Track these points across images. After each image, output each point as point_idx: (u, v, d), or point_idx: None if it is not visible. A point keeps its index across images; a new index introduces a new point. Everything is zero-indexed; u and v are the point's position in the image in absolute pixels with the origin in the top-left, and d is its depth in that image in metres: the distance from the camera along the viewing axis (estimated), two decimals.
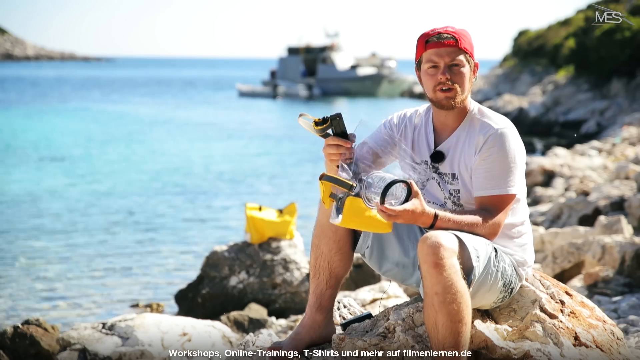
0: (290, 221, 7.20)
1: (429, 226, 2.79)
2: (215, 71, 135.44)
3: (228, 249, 7.26)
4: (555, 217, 9.79)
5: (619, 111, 24.70)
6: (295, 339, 3.12)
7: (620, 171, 11.31)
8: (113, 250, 10.68)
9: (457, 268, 2.70)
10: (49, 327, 5.42)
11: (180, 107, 44.06)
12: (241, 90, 57.31)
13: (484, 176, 2.92)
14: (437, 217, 2.77)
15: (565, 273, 6.60)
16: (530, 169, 13.80)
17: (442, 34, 2.93)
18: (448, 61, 2.92)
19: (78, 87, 64.03)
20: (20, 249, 10.61)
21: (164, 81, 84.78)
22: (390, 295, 5.98)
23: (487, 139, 2.92)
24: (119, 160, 20.84)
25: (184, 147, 24.46)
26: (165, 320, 5.15)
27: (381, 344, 2.97)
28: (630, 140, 16.91)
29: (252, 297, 7.09)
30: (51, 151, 22.31)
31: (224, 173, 18.86)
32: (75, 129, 29.64)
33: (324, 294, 3.12)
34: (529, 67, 42.85)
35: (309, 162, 21.06)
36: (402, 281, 3.12)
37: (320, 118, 2.83)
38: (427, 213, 2.75)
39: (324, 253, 3.09)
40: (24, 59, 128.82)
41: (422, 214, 2.74)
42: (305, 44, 59.46)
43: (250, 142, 26.59)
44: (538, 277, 3.19)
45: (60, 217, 12.93)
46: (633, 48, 26.11)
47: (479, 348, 2.94)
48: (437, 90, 2.94)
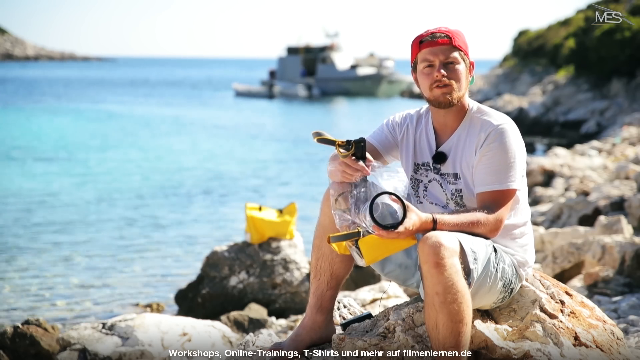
0: (290, 221, 7.20)
1: (430, 230, 2.79)
2: (215, 71, 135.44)
3: (228, 249, 7.26)
4: (555, 217, 9.79)
5: (619, 111, 24.70)
6: (296, 340, 3.12)
7: (620, 171, 11.31)
8: (113, 250, 10.68)
9: (458, 268, 2.70)
10: (49, 327, 5.42)
11: (179, 107, 44.05)
12: (238, 90, 57.33)
13: (484, 172, 2.92)
14: (436, 222, 2.77)
15: (565, 273, 6.60)
16: (530, 169, 13.80)
17: (435, 34, 2.95)
18: (443, 59, 2.93)
19: (78, 87, 64.02)
20: (20, 249, 10.60)
21: (164, 81, 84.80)
22: (390, 295, 5.98)
23: (487, 135, 2.93)
24: (118, 161, 20.83)
25: (183, 147, 24.46)
26: (165, 320, 5.15)
27: (381, 344, 2.97)
28: (630, 140, 16.91)
29: (252, 297, 7.09)
30: (51, 151, 22.31)
31: (224, 173, 18.86)
32: (73, 129, 29.64)
33: (324, 295, 3.12)
34: (529, 67, 42.86)
35: (309, 162, 21.06)
36: (403, 282, 3.12)
37: (343, 141, 2.84)
38: (425, 220, 2.76)
39: (325, 254, 3.09)
40: (24, 59, 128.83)
41: (420, 221, 2.74)
42: (305, 44, 59.46)
43: (250, 142, 26.59)
44: (538, 277, 3.19)
45: (60, 217, 12.93)
46: (633, 48, 26.12)
47: (479, 348, 2.94)
48: (434, 87, 2.95)
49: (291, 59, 59.05)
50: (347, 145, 2.83)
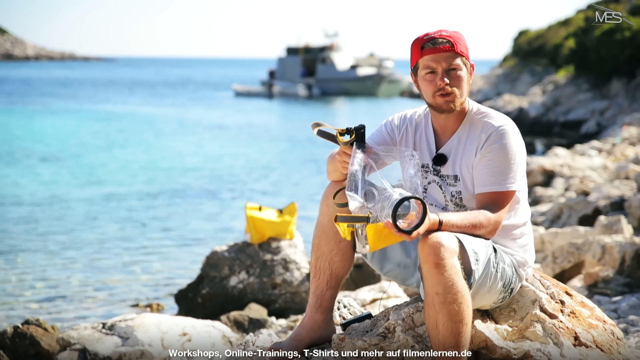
0: (290, 221, 7.20)
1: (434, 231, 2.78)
2: (215, 71, 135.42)
3: (228, 249, 7.26)
4: (555, 217, 9.79)
5: (619, 111, 24.70)
6: (296, 340, 3.12)
7: (620, 171, 11.31)
8: (113, 250, 10.68)
9: (458, 268, 2.70)
10: (49, 327, 5.42)
11: (179, 108, 44.04)
12: (237, 90, 57.40)
13: (484, 172, 2.92)
14: (441, 224, 2.77)
15: (565, 273, 6.60)
16: (530, 169, 13.79)
17: (437, 39, 2.92)
18: (445, 66, 2.91)
19: (78, 87, 64.00)
20: (20, 249, 10.60)
21: (164, 81, 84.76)
22: (390, 295, 5.98)
23: (488, 136, 2.93)
24: (117, 161, 20.84)
25: (183, 147, 24.46)
26: (165, 320, 5.14)
27: (381, 344, 2.97)
28: (630, 140, 16.91)
29: (252, 297, 7.09)
30: (50, 151, 22.31)
31: (224, 173, 18.86)
32: (73, 129, 29.63)
33: (324, 295, 3.12)
34: (529, 67, 42.87)
35: (309, 162, 21.04)
36: (402, 282, 3.12)
37: (343, 129, 2.82)
38: (433, 222, 2.75)
39: (325, 253, 3.09)
40: (24, 59, 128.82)
41: (428, 221, 2.73)
42: (304, 44, 59.46)
43: (249, 142, 26.58)
44: (538, 277, 3.19)
45: (60, 217, 12.93)
46: (633, 48, 26.12)
47: (479, 348, 2.94)
48: (437, 95, 2.94)
49: (291, 59, 59.03)
50: (348, 132, 2.82)
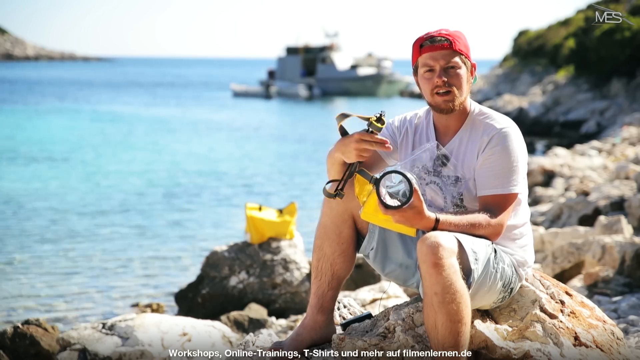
0: (290, 221, 7.20)
1: (431, 230, 2.78)
2: (214, 71, 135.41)
3: (228, 249, 7.26)
4: (555, 217, 9.79)
5: (619, 111, 24.70)
6: (296, 340, 3.12)
7: (620, 171, 11.30)
8: (113, 250, 10.68)
9: (457, 268, 2.70)
10: (49, 327, 5.42)
11: (179, 108, 44.05)
12: (235, 90, 57.43)
13: (487, 175, 2.92)
14: (438, 221, 2.76)
15: (565, 273, 6.60)
16: (531, 169, 13.79)
17: (435, 37, 2.93)
18: (443, 64, 2.91)
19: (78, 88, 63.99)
20: (20, 249, 10.60)
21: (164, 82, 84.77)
22: (390, 295, 5.98)
23: (490, 138, 2.92)
24: (117, 161, 20.84)
25: (183, 148, 24.46)
26: (165, 320, 5.14)
27: (381, 344, 2.97)
28: (630, 140, 16.91)
29: (252, 297, 7.09)
30: (50, 151, 22.30)
31: (224, 173, 18.85)
32: (73, 129, 29.64)
33: (325, 295, 3.12)
34: (529, 67, 42.84)
35: (308, 162, 21.05)
36: (403, 282, 3.11)
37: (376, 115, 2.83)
38: (428, 217, 2.74)
39: (327, 254, 3.09)
40: (24, 59, 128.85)
41: (422, 217, 2.73)
42: (304, 44, 59.46)
43: (249, 142, 26.59)
44: (538, 277, 3.19)
45: (60, 217, 12.93)
46: (633, 48, 26.12)
47: (479, 348, 2.94)
48: (435, 94, 2.94)
49: (291, 59, 59.03)
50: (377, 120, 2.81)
